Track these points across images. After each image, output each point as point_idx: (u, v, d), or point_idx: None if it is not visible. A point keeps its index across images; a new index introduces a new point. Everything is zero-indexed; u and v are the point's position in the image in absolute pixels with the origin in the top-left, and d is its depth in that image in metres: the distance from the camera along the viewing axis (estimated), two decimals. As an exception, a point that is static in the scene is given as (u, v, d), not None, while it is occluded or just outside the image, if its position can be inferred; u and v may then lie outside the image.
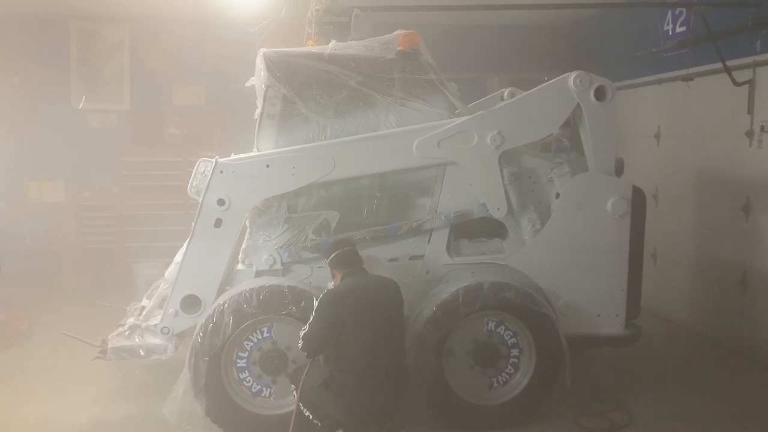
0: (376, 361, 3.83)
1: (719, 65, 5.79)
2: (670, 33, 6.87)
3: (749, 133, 5.87)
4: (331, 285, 4.17)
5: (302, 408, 4.04)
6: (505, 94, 5.93)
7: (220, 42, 8.08)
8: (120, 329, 4.89)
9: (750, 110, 5.86)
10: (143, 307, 5.09)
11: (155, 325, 4.70)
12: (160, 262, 6.04)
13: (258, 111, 4.82)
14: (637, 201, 4.85)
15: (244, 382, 4.51)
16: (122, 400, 5.19)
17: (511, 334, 4.62)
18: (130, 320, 4.97)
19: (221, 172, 4.61)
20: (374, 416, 3.87)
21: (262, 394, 4.53)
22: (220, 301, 4.48)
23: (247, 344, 4.50)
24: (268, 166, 4.64)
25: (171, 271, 5.01)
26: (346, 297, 3.92)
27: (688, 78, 6.45)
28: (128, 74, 8.98)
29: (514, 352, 4.63)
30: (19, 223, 7.03)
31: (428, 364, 4.41)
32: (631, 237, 4.81)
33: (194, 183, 4.70)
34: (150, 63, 8.84)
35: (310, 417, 4.03)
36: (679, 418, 4.85)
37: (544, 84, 4.87)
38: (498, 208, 4.78)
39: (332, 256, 4.13)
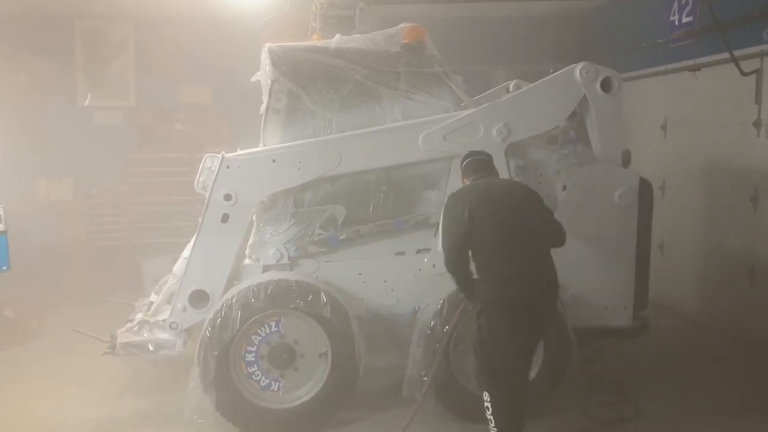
0: (512, 252, 3.81)
1: (726, 55, 5.75)
2: (677, 23, 6.82)
3: (757, 123, 5.84)
4: None
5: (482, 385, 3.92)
6: (511, 86, 5.91)
7: (225, 38, 8.08)
8: (129, 325, 4.91)
9: (757, 100, 5.82)
10: (152, 303, 5.11)
11: (164, 321, 4.72)
12: (168, 257, 6.07)
13: (263, 106, 4.82)
14: (645, 192, 4.84)
15: (253, 376, 4.53)
16: (132, 395, 5.23)
17: (519, 326, 4.61)
18: (139, 316, 4.98)
19: (228, 167, 4.62)
20: (521, 287, 3.81)
21: (271, 388, 4.54)
22: (228, 295, 4.50)
23: (256, 338, 4.52)
24: (274, 160, 4.66)
25: (179, 266, 5.03)
26: (469, 192, 3.97)
27: (694, 68, 6.41)
28: (133, 72, 9.00)
29: (522, 344, 4.62)
30: (28, 221, 7.07)
31: (435, 357, 4.41)
32: (638, 228, 4.81)
33: (201, 179, 4.71)
34: (155, 61, 8.85)
35: (487, 402, 3.88)
36: (687, 409, 4.85)
37: (550, 76, 4.86)
38: (505, 201, 4.77)
39: (464, 163, 4.16)
